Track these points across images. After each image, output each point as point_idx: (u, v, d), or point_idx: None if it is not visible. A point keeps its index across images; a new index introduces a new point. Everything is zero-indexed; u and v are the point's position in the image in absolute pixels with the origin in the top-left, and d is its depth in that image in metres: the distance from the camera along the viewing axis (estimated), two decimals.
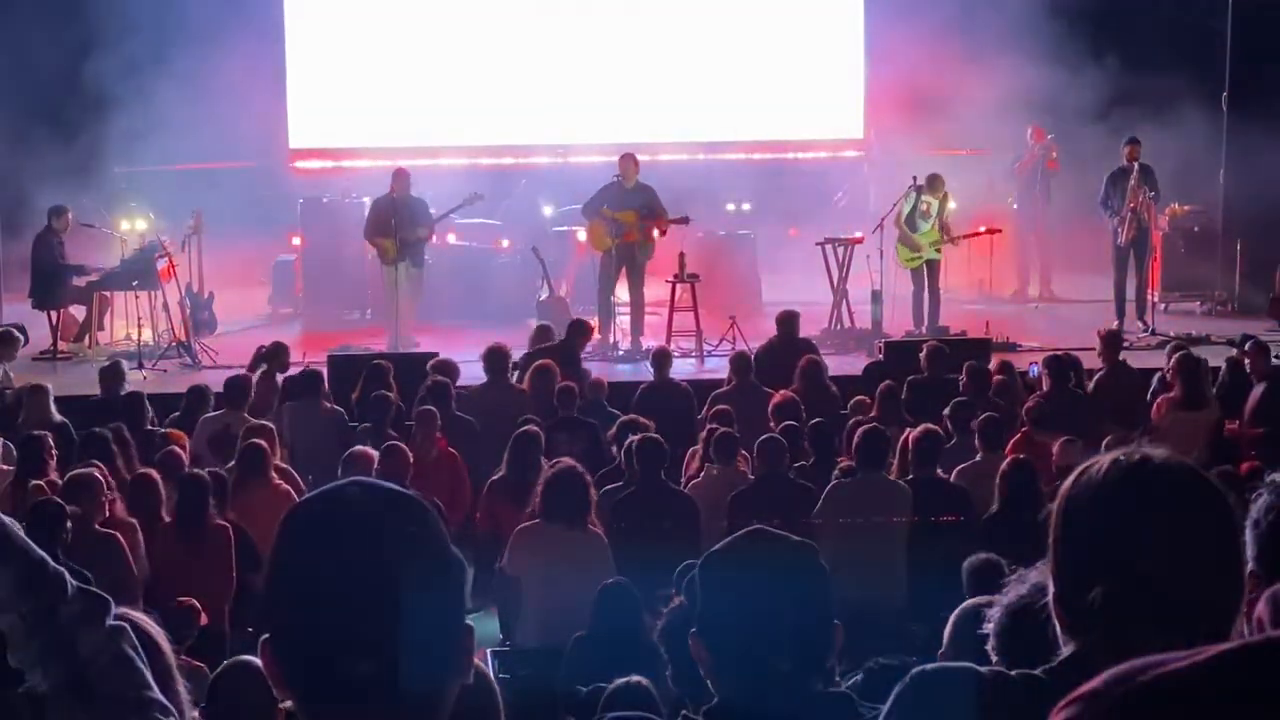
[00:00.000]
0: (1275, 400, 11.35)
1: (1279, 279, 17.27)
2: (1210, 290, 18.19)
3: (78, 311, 16.45)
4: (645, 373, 13.55)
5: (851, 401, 11.87)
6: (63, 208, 16.36)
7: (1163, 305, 17.63)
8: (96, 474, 8.62)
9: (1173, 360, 11.62)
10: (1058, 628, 2.28)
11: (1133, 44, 19.31)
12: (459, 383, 12.14)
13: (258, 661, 4.82)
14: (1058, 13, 19.50)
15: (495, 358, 12.25)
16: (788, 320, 13.73)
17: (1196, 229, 18.36)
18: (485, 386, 12.18)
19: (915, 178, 16.51)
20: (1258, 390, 11.58)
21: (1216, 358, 12.58)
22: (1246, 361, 12.09)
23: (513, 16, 20.75)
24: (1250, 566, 2.70)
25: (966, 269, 18.59)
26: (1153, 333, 16.12)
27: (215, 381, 12.25)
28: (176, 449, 10.13)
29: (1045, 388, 11.68)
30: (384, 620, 1.81)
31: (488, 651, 8.10)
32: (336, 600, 1.82)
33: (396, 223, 15.79)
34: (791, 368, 12.25)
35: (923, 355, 12.44)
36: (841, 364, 14.25)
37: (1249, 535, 2.88)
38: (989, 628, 3.36)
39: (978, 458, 9.83)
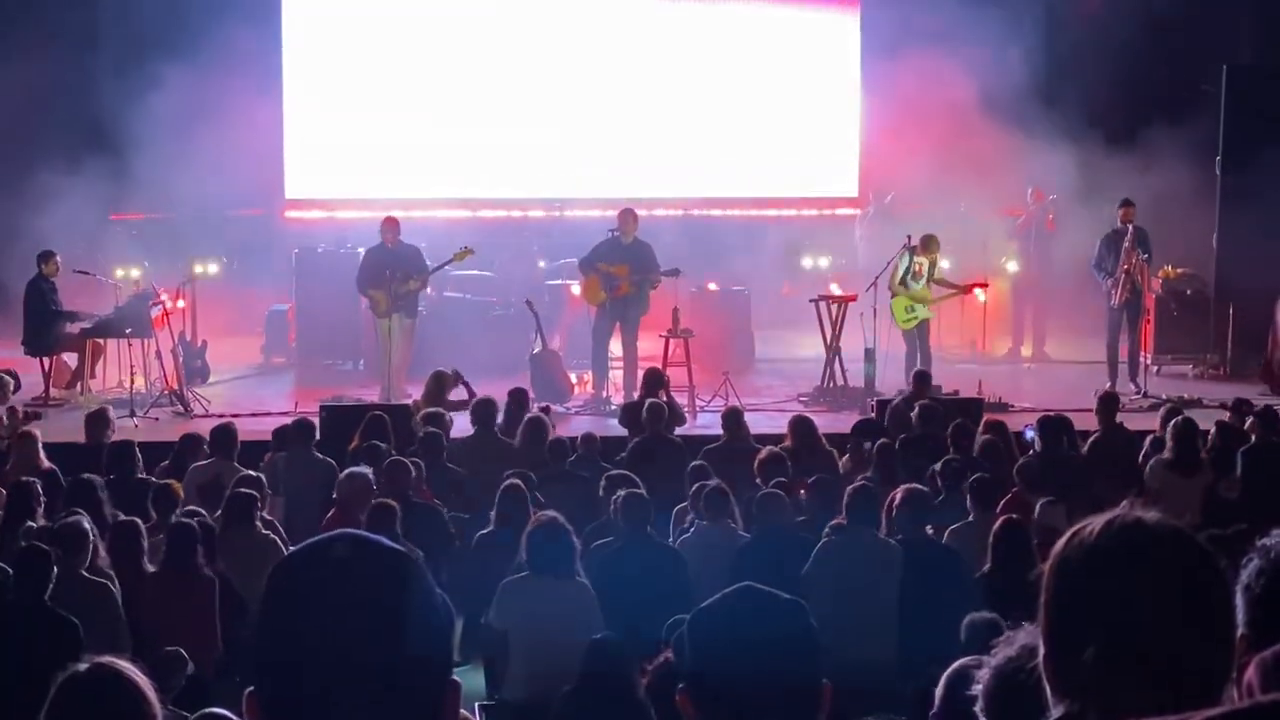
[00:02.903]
0: (1262, 465, 11.34)
1: (1270, 344, 17.29)
2: (1202, 354, 18.22)
3: (70, 358, 16.43)
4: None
5: (842, 460, 11.88)
6: (50, 252, 16.35)
7: (1155, 368, 17.68)
8: (84, 524, 8.58)
9: (1169, 424, 11.61)
10: (1048, 689, 2.27)
11: (1128, 107, 19.41)
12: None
13: (228, 714, 4.79)
14: (1054, 75, 19.65)
15: (483, 410, 12.28)
16: (922, 377, 13.90)
17: (1189, 292, 18.42)
18: (473, 439, 12.18)
19: (909, 237, 16.55)
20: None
21: (1207, 421, 12.58)
22: (1252, 424, 12.02)
23: (511, 71, 20.85)
24: (1241, 630, 2.70)
25: (960, 328, 18.64)
26: (1145, 395, 16.14)
27: (207, 431, 12.23)
28: (176, 487, 10.10)
29: (1038, 448, 11.68)
30: (370, 676, 1.80)
31: (475, 706, 8.06)
32: (323, 655, 1.81)
33: (390, 274, 15.81)
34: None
35: (914, 414, 12.44)
36: (834, 422, 14.23)
37: (1240, 599, 2.87)
38: (978, 689, 3.35)
39: (969, 518, 9.81)
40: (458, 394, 13.73)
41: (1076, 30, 19.97)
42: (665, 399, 13.46)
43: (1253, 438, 11.74)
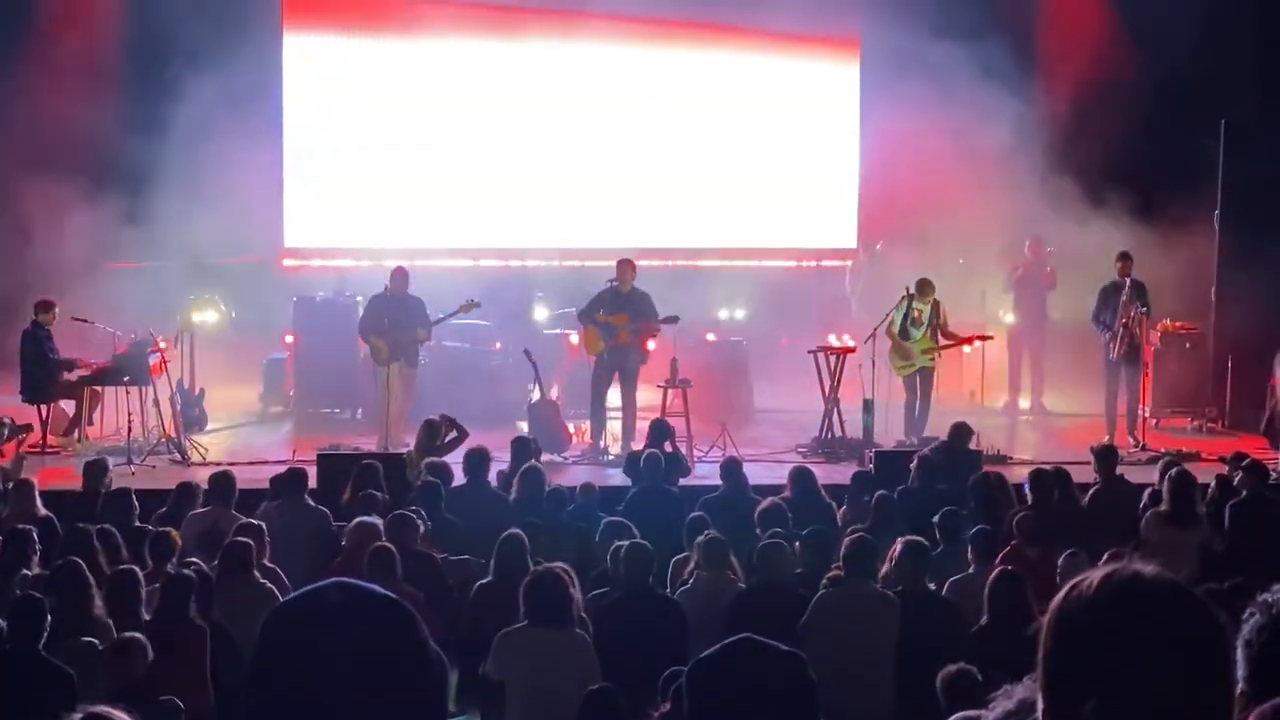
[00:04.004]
0: (1253, 517, 11.32)
1: (1270, 398, 17.26)
2: (1201, 407, 18.20)
3: (68, 406, 16.40)
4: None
5: (840, 510, 11.87)
6: (49, 302, 16.30)
7: (1153, 421, 17.64)
8: (85, 569, 8.56)
9: (1165, 477, 11.60)
10: None
11: (1126, 161, 19.46)
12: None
13: None
14: (1052, 128, 19.70)
15: (474, 460, 12.25)
16: (959, 430, 13.79)
17: (1188, 345, 18.40)
18: (464, 489, 12.14)
19: (908, 288, 16.57)
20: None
21: (1207, 475, 12.56)
22: (1242, 479, 12.00)
23: (511, 121, 20.91)
24: (1240, 686, 2.68)
25: (959, 380, 18.62)
26: (1143, 448, 16.11)
27: (205, 479, 12.20)
28: (174, 535, 10.06)
29: (1029, 502, 11.66)
30: None
31: None
32: (316, 703, 1.80)
33: (390, 322, 15.84)
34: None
35: (913, 465, 12.44)
36: (832, 473, 14.20)
37: (1240, 654, 2.86)
38: None
39: (970, 570, 9.79)
40: (451, 437, 13.70)
41: (1078, 83, 20.03)
42: (670, 450, 13.46)
43: (1243, 492, 11.72)
